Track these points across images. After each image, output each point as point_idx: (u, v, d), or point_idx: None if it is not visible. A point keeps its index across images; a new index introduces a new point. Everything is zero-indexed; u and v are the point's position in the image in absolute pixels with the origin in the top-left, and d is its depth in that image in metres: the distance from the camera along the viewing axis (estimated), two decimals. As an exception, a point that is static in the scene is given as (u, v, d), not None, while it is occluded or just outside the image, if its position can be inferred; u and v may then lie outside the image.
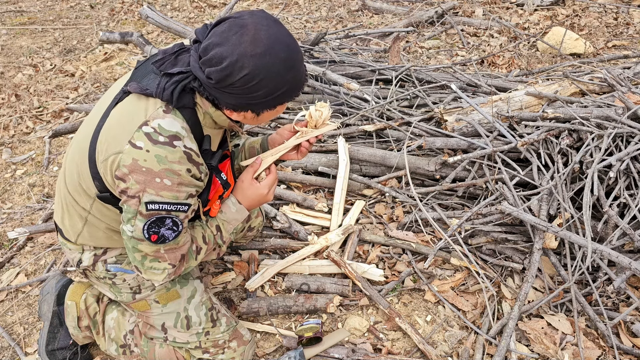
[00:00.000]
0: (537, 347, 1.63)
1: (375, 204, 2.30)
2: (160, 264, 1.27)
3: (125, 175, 1.14)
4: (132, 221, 1.19)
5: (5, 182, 2.74)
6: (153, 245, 1.23)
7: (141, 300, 1.48)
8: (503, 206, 1.82)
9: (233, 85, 1.11)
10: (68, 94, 3.72)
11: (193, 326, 1.49)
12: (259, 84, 1.11)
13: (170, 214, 1.19)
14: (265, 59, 1.08)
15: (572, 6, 4.79)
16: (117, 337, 1.57)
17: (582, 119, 2.07)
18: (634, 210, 1.76)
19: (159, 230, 1.20)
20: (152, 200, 1.15)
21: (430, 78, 2.96)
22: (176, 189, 1.16)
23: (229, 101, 1.16)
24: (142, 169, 1.12)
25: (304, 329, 1.65)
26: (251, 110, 1.18)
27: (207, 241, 1.40)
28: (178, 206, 1.19)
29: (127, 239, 1.24)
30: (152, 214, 1.17)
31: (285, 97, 1.19)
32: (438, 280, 1.90)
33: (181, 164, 1.15)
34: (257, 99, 1.15)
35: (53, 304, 1.62)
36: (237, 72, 1.08)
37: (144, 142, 1.12)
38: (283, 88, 1.15)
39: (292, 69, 1.14)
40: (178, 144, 1.15)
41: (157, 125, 1.14)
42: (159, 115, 1.15)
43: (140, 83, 1.20)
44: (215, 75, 1.10)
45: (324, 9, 5.34)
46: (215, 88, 1.13)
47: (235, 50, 1.07)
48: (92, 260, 1.42)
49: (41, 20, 5.46)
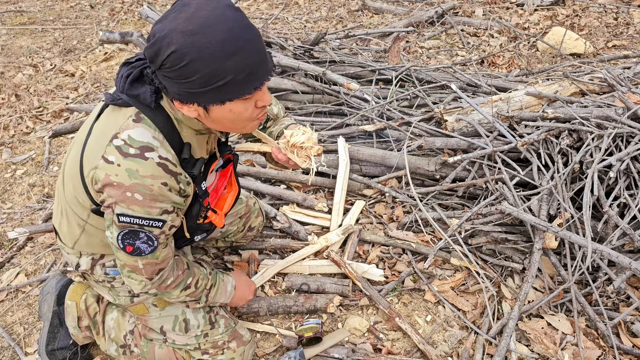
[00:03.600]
0: (537, 347, 1.63)
1: (375, 204, 2.30)
2: (137, 276, 1.25)
3: (101, 189, 1.13)
4: (110, 228, 1.18)
5: (5, 182, 2.74)
6: (129, 257, 1.21)
7: (139, 303, 1.47)
8: (503, 206, 1.82)
9: (164, 66, 1.00)
10: (68, 94, 3.72)
11: (191, 329, 1.48)
12: (189, 65, 0.98)
13: (143, 229, 1.15)
14: (199, 37, 0.96)
15: (572, 6, 4.79)
16: (117, 337, 1.57)
17: (582, 119, 2.07)
18: (634, 210, 1.76)
19: (134, 242, 1.17)
20: (123, 212, 1.12)
21: (430, 78, 2.96)
22: (148, 204, 1.12)
23: (171, 89, 1.06)
24: (114, 183, 1.10)
25: (304, 329, 1.65)
26: (197, 102, 1.06)
27: (197, 286, 1.41)
28: (150, 221, 1.14)
29: (110, 243, 1.23)
30: (125, 226, 1.15)
31: (232, 90, 1.04)
32: (438, 280, 1.90)
33: (154, 178, 1.10)
34: (195, 87, 1.02)
35: (53, 303, 1.62)
36: (165, 49, 0.97)
37: (115, 156, 1.10)
38: (224, 77, 1.01)
39: (234, 55, 0.99)
40: (150, 155, 1.10)
41: (127, 137, 1.10)
42: (128, 126, 1.12)
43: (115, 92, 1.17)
44: (147, 52, 1.02)
45: (324, 9, 5.34)
46: (156, 72, 1.06)
47: (167, 26, 0.98)
48: (90, 264, 1.42)
49: (41, 20, 5.46)
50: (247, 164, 2.50)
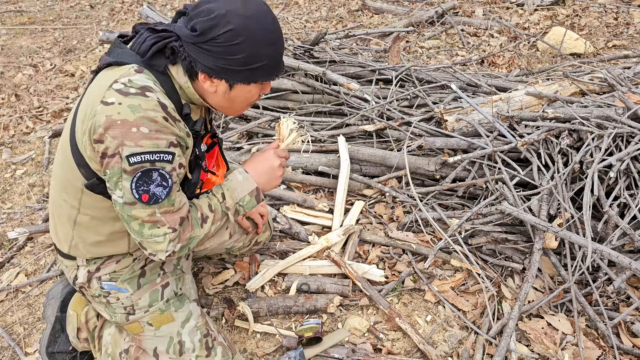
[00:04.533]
0: (537, 347, 1.63)
1: (375, 204, 2.30)
2: (159, 229, 1.18)
3: (101, 136, 1.10)
4: (119, 184, 1.13)
5: (5, 182, 2.74)
6: (147, 207, 1.15)
7: (135, 322, 1.44)
8: (503, 206, 1.82)
9: (215, 40, 1.12)
10: (68, 94, 3.72)
11: (186, 352, 1.43)
12: (240, 45, 1.13)
13: (155, 165, 1.12)
14: (252, 22, 1.13)
15: (572, 6, 4.79)
16: (113, 353, 1.53)
17: (582, 119, 2.07)
18: (634, 210, 1.76)
19: (148, 187, 1.14)
20: (132, 152, 1.10)
21: (430, 78, 2.96)
22: (155, 136, 1.11)
23: (205, 63, 1.16)
24: (117, 122, 1.08)
25: (304, 329, 1.65)
26: (225, 79, 1.19)
27: (213, 209, 1.32)
28: (161, 155, 1.13)
29: (119, 208, 1.17)
30: (137, 169, 1.11)
31: (261, 74, 1.20)
32: (438, 280, 1.90)
33: (156, 111, 1.11)
34: (234, 64, 1.16)
35: (57, 309, 1.60)
36: (223, 26, 1.11)
37: (115, 97, 1.10)
38: (261, 61, 1.17)
39: (274, 45, 1.18)
40: (150, 94, 1.12)
41: (127, 80, 1.12)
42: (129, 74, 1.14)
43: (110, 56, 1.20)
44: (200, 25, 1.12)
45: (324, 9, 5.34)
46: (196, 45, 1.14)
47: (226, 6, 1.11)
48: (87, 276, 1.40)
49: (41, 20, 5.46)
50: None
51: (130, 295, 1.42)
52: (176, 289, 1.51)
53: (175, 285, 1.51)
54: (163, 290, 1.47)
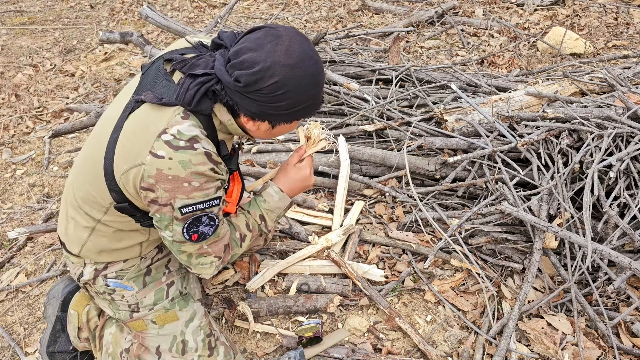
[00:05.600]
0: (537, 347, 1.63)
1: (375, 204, 2.31)
2: (206, 259, 1.30)
3: (152, 186, 1.15)
4: (170, 227, 1.21)
5: (5, 182, 2.74)
6: (195, 244, 1.26)
7: (138, 319, 1.45)
8: (503, 206, 1.82)
9: (260, 92, 1.12)
10: (68, 94, 3.72)
11: (189, 352, 1.44)
12: (285, 94, 1.13)
13: (205, 212, 1.20)
14: (297, 71, 1.11)
15: (572, 6, 4.79)
16: (114, 352, 1.54)
17: (582, 119, 2.07)
18: (634, 210, 1.76)
19: (198, 228, 1.22)
20: (184, 204, 1.16)
21: (430, 78, 2.96)
22: (205, 187, 1.17)
23: (249, 108, 1.16)
24: (169, 177, 1.13)
25: (304, 329, 1.65)
26: (268, 120, 1.20)
27: (251, 229, 1.42)
28: (210, 202, 1.20)
29: (169, 244, 1.27)
30: (188, 217, 1.19)
31: (304, 112, 1.21)
32: (438, 280, 1.90)
33: (205, 164, 1.15)
34: (279, 110, 1.16)
35: (58, 309, 1.61)
36: (268, 79, 1.10)
37: (165, 150, 1.12)
38: (305, 103, 1.18)
39: (317, 86, 1.17)
40: (198, 145, 1.15)
41: (177, 132, 1.14)
42: (177, 122, 1.15)
43: (153, 91, 1.19)
44: (244, 79, 1.11)
45: (324, 9, 5.34)
46: (240, 92, 1.13)
47: (269, 57, 1.09)
48: (93, 274, 1.41)
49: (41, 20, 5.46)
50: (247, 164, 2.50)
51: (136, 293, 1.43)
52: (181, 288, 1.51)
53: (180, 285, 1.52)
54: (168, 289, 1.48)
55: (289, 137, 2.62)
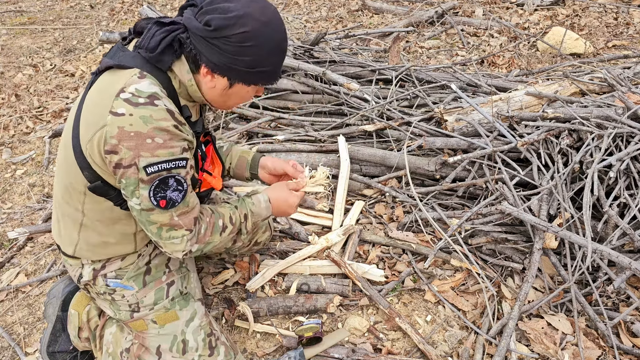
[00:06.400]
0: (537, 347, 1.63)
1: (375, 204, 2.30)
2: (177, 232, 1.24)
3: (115, 147, 1.11)
4: (137, 192, 1.17)
5: (5, 182, 2.74)
6: (164, 212, 1.20)
7: (139, 319, 1.45)
8: (503, 206, 1.82)
9: (227, 38, 1.13)
10: (68, 94, 3.72)
11: (189, 351, 1.44)
12: (251, 48, 1.14)
13: (171, 172, 1.16)
14: (267, 28, 1.15)
15: (572, 6, 4.79)
16: (114, 352, 1.54)
17: (582, 119, 2.07)
18: (634, 210, 1.76)
19: (165, 193, 1.18)
20: (149, 162, 1.13)
21: (430, 78, 2.96)
22: (169, 144, 1.14)
23: (212, 58, 1.16)
24: (130, 134, 1.10)
25: (304, 329, 1.65)
26: (228, 77, 1.20)
27: (233, 222, 1.40)
28: (176, 162, 1.17)
29: (137, 214, 1.21)
30: (154, 178, 1.15)
31: (262, 78, 1.23)
32: (438, 280, 1.90)
33: (167, 120, 1.14)
34: (240, 65, 1.17)
35: (58, 309, 1.60)
36: (239, 27, 1.12)
37: (125, 108, 1.11)
38: (267, 67, 1.20)
39: (280, 54, 1.21)
40: (158, 102, 1.13)
41: (135, 90, 1.13)
42: (135, 82, 1.14)
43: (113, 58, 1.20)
44: (215, 22, 1.12)
45: (324, 9, 5.34)
46: (206, 39, 1.14)
47: (244, 8, 1.12)
48: (92, 275, 1.41)
49: (41, 20, 5.46)
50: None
51: (136, 292, 1.43)
52: (181, 287, 1.51)
53: (181, 284, 1.52)
54: (168, 288, 1.48)
55: (289, 137, 2.62)
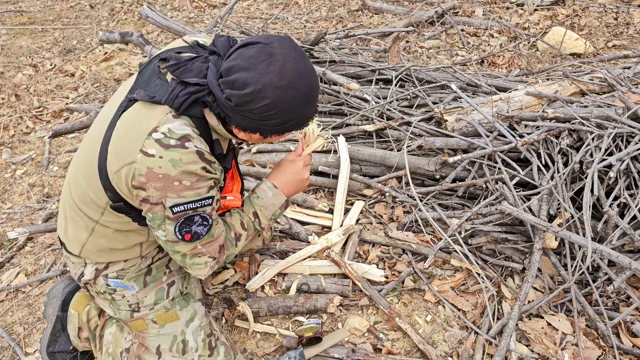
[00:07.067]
0: (537, 347, 1.63)
1: (375, 204, 2.30)
2: (200, 259, 1.29)
3: (143, 184, 1.14)
4: (163, 226, 1.21)
5: (5, 182, 2.74)
6: (189, 244, 1.25)
7: (139, 319, 1.45)
8: (503, 206, 1.82)
9: (251, 111, 1.11)
10: (68, 94, 3.72)
11: (189, 352, 1.45)
12: (277, 114, 1.12)
13: (197, 211, 1.19)
14: (289, 92, 1.10)
15: (572, 6, 4.79)
16: (114, 352, 1.54)
17: (582, 119, 2.07)
18: (634, 210, 1.76)
19: (190, 228, 1.21)
20: (175, 203, 1.16)
21: (430, 78, 2.96)
22: (196, 186, 1.16)
23: (240, 122, 1.16)
24: (159, 175, 1.12)
25: (304, 329, 1.65)
26: (260, 133, 1.19)
27: (246, 227, 1.41)
28: (202, 201, 1.19)
29: (163, 243, 1.26)
30: (180, 216, 1.18)
31: (296, 126, 1.21)
32: (438, 280, 1.90)
33: (196, 163, 1.14)
34: (270, 127, 1.16)
35: (58, 309, 1.61)
36: (259, 101, 1.09)
37: (155, 149, 1.12)
38: (297, 119, 1.18)
39: (310, 103, 1.16)
40: (189, 144, 1.14)
41: (167, 130, 1.13)
42: (168, 120, 1.14)
43: (146, 90, 1.18)
44: (235, 99, 1.10)
45: (324, 9, 5.34)
46: (231, 109, 1.13)
47: (262, 78, 1.07)
48: (94, 274, 1.41)
49: (41, 20, 5.46)
50: (247, 163, 2.50)
51: (136, 292, 1.43)
52: (182, 287, 1.52)
53: (181, 284, 1.52)
54: (169, 288, 1.48)
55: (289, 137, 2.62)
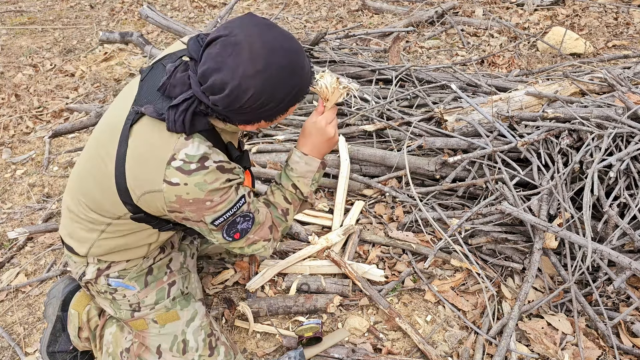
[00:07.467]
0: (537, 347, 1.63)
1: (375, 204, 2.30)
2: (257, 245, 1.37)
3: (178, 209, 1.19)
4: (211, 235, 1.29)
5: (5, 182, 2.74)
6: (240, 240, 1.33)
7: (139, 319, 1.45)
8: (503, 206, 1.82)
9: (242, 107, 1.10)
10: (68, 94, 3.72)
11: (189, 351, 1.45)
12: (269, 99, 1.11)
13: (236, 215, 1.25)
14: (269, 72, 1.07)
15: (572, 6, 4.79)
16: (114, 352, 1.54)
17: (582, 119, 2.07)
18: (634, 210, 1.76)
19: (237, 228, 1.28)
20: (214, 218, 1.22)
21: (430, 78, 2.96)
22: (226, 197, 1.21)
23: (240, 118, 1.17)
24: (189, 201, 1.16)
25: (304, 329, 1.65)
26: (264, 120, 1.19)
27: (290, 201, 1.46)
28: (237, 205, 1.24)
29: (218, 244, 1.34)
30: (222, 225, 1.25)
31: (296, 98, 1.18)
32: (438, 280, 1.90)
33: (219, 179, 1.18)
34: (269, 111, 1.15)
35: (58, 308, 1.61)
36: (243, 95, 1.07)
37: (178, 177, 1.14)
38: (292, 92, 1.14)
39: (295, 71, 1.12)
40: (208, 162, 1.16)
41: (185, 155, 1.14)
42: (183, 145, 1.15)
43: (155, 105, 1.17)
44: (221, 103, 1.09)
45: (324, 9, 5.34)
46: (224, 111, 1.13)
47: (235, 73, 1.05)
48: (95, 274, 1.41)
49: (41, 20, 5.46)
50: (247, 164, 2.50)
51: (137, 292, 1.43)
52: (182, 287, 1.52)
53: (182, 284, 1.52)
54: (170, 288, 1.48)
55: (289, 137, 2.62)
